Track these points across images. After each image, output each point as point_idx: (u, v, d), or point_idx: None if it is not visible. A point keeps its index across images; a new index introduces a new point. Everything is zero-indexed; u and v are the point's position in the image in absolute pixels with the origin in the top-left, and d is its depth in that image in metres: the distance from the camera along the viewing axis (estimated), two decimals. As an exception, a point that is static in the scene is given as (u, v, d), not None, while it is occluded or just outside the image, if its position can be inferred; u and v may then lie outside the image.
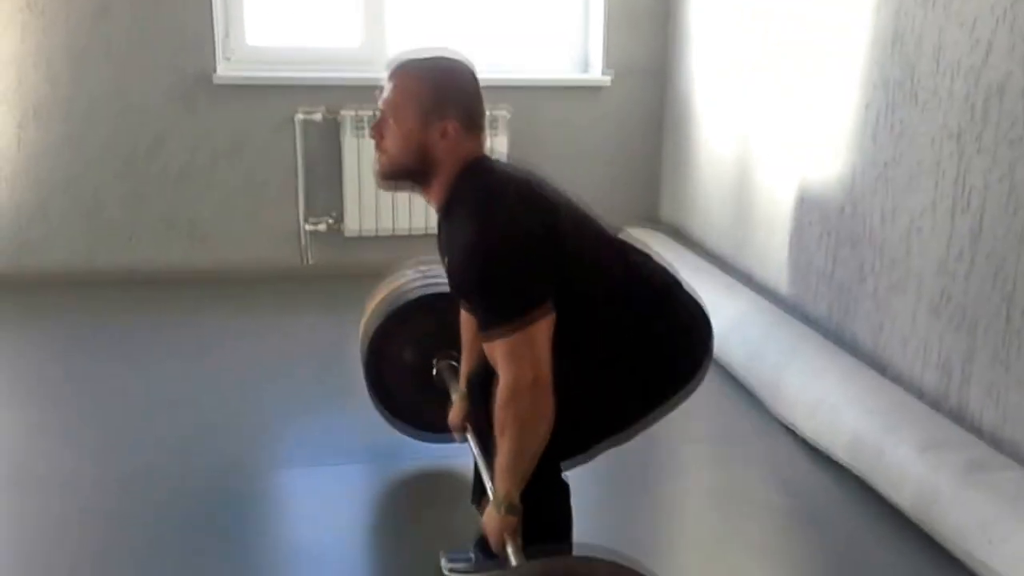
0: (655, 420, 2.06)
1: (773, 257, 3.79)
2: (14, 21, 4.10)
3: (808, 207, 3.54)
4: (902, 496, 2.57)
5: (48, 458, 2.88)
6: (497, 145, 4.49)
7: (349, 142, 4.36)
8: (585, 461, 2.05)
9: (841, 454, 2.83)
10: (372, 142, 2.00)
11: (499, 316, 1.82)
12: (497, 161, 2.03)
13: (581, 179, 4.75)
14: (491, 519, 1.87)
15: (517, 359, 1.80)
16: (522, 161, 2.11)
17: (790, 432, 3.08)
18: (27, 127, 4.21)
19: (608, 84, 4.62)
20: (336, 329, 3.71)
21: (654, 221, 4.81)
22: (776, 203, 3.75)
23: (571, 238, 1.91)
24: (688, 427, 3.18)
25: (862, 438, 2.76)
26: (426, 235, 4.49)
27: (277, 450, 2.98)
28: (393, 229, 4.49)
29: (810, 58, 3.49)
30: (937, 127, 2.81)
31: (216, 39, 4.26)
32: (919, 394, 2.91)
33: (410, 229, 4.49)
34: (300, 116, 4.35)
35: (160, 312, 4.11)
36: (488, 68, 4.55)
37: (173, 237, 4.43)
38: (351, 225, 4.47)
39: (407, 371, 2.65)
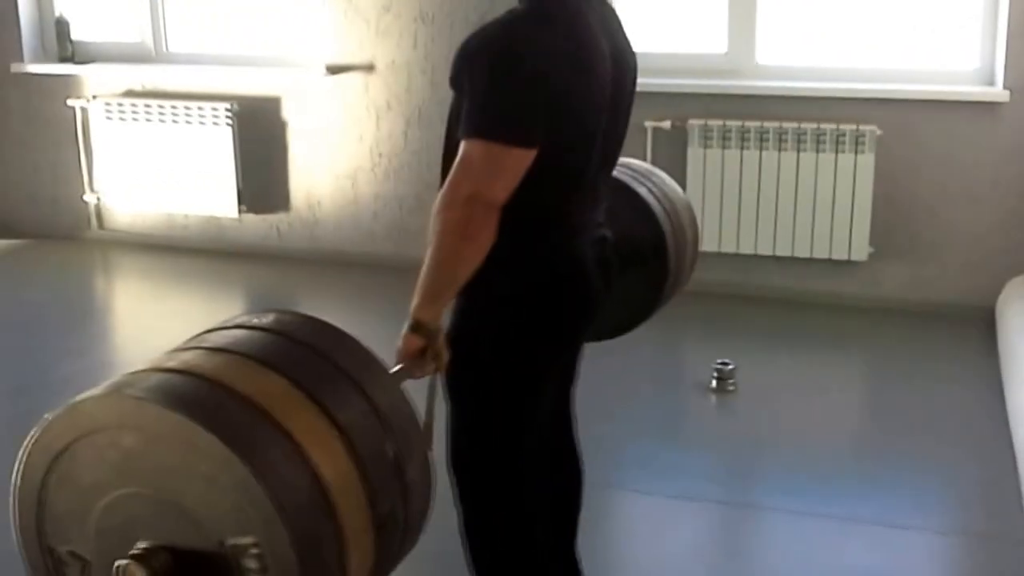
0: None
1: None
2: (409, 30, 4.56)
3: None
4: None
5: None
6: (862, 164, 4.03)
7: (694, 152, 4.19)
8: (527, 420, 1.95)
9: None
10: (719, 152, 1.96)
11: (476, 119, 1.69)
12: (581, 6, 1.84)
13: (968, 213, 4.11)
14: (402, 337, 1.77)
15: (468, 170, 1.67)
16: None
17: None
18: (412, 127, 4.66)
19: (1007, 101, 3.90)
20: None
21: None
22: None
23: (570, 101, 1.76)
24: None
25: None
26: (756, 255, 4.20)
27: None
28: (737, 247, 4.25)
29: None
30: None
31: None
32: None
33: (755, 248, 4.23)
34: (649, 124, 4.28)
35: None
36: (854, 77, 4.18)
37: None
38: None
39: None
